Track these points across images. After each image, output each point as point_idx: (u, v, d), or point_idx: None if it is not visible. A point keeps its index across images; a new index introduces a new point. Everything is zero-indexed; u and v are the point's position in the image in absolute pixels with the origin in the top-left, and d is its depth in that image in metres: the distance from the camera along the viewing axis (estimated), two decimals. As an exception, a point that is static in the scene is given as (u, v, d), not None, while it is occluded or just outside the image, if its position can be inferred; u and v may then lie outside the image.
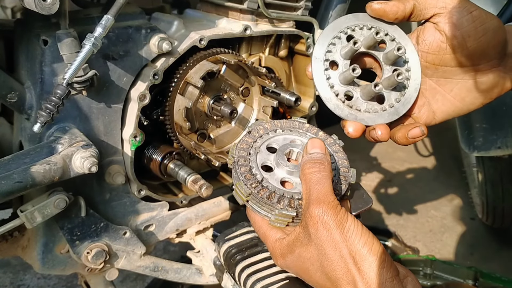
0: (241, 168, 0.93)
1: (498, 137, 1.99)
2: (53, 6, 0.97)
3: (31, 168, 1.02)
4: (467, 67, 0.98)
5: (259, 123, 1.03)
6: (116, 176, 1.30)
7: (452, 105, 1.03)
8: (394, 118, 1.01)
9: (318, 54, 1.00)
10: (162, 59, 1.26)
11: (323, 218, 0.81)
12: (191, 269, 1.53)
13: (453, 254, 2.95)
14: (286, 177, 0.95)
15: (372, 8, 1.00)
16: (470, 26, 0.93)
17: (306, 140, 1.00)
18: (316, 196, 0.83)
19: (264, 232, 0.92)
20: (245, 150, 0.97)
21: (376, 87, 0.95)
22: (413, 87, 1.02)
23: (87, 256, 1.26)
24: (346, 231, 0.80)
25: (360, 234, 0.80)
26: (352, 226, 0.81)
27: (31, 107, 1.16)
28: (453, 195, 3.47)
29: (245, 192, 0.91)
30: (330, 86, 0.99)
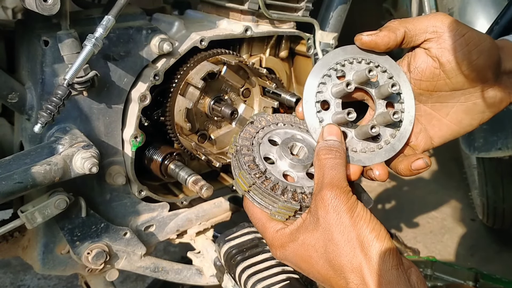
0: (244, 157, 0.92)
1: (499, 138, 1.99)
2: (54, 6, 0.97)
3: (32, 169, 1.02)
4: (462, 90, 0.97)
5: (261, 115, 1.02)
6: (117, 176, 1.30)
7: (449, 129, 1.01)
8: (391, 155, 0.99)
9: (308, 97, 0.97)
10: (163, 59, 1.26)
11: (335, 202, 0.81)
12: (191, 270, 1.53)
13: (454, 255, 2.95)
14: (289, 170, 0.94)
15: (362, 41, 0.96)
16: (464, 50, 0.91)
17: (307, 136, 0.99)
18: (329, 180, 0.83)
19: (264, 224, 0.91)
20: (248, 140, 0.96)
21: (372, 129, 0.93)
22: (408, 120, 0.99)
23: (88, 257, 1.26)
24: (356, 216, 0.81)
25: (368, 220, 0.81)
26: (361, 212, 0.82)
27: (31, 108, 1.16)
28: (453, 196, 3.47)
29: (248, 181, 0.89)
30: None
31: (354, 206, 0.82)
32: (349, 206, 0.81)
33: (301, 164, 0.94)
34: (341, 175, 0.85)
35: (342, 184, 0.83)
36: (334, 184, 0.83)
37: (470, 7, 1.97)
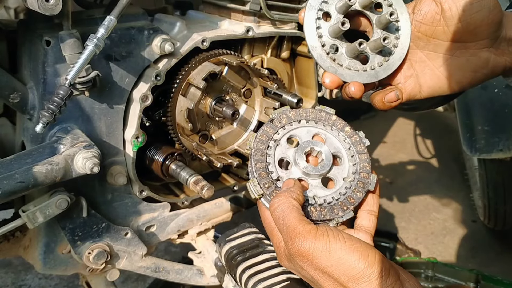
0: (256, 164, 0.90)
1: (500, 139, 1.99)
2: (56, 7, 0.97)
3: (33, 168, 1.03)
4: (458, 43, 0.98)
5: (283, 111, 0.98)
6: (118, 176, 1.30)
7: (439, 81, 1.02)
8: (372, 80, 1.01)
9: (313, 2, 0.99)
10: (165, 60, 1.26)
11: (302, 252, 0.78)
12: (192, 270, 1.53)
13: (455, 256, 2.94)
14: (302, 177, 0.92)
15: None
16: (466, 0, 0.92)
17: (330, 135, 0.97)
18: (286, 234, 0.81)
19: (272, 231, 0.90)
20: (263, 143, 0.93)
21: (360, 45, 0.95)
22: (398, 55, 1.01)
23: (89, 257, 1.26)
24: (333, 253, 0.77)
25: (351, 249, 0.77)
26: (338, 245, 0.77)
27: (33, 108, 1.17)
28: (455, 198, 3.46)
29: (257, 191, 0.89)
30: (318, 35, 0.99)
31: (325, 244, 0.77)
32: (320, 248, 0.77)
33: (316, 173, 0.92)
34: (292, 221, 0.81)
35: (297, 230, 0.79)
36: (291, 235, 0.80)
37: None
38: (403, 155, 3.99)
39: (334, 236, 0.78)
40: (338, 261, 0.76)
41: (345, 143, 0.97)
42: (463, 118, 2.08)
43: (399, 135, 4.29)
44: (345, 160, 0.96)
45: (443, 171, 3.80)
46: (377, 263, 0.76)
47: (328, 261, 0.77)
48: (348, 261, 0.76)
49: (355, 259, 0.76)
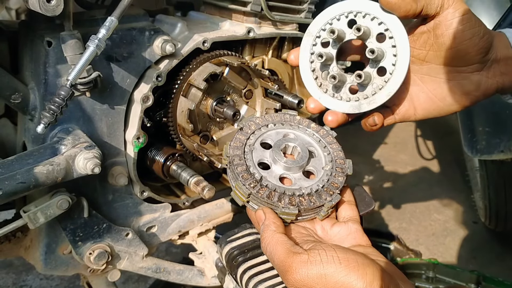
0: (237, 168, 0.92)
1: (501, 140, 1.99)
2: (57, 7, 0.97)
3: (35, 169, 1.03)
4: (450, 67, 0.99)
5: (250, 119, 1.03)
6: (119, 177, 1.30)
7: (433, 103, 1.03)
8: (354, 111, 1.02)
9: (312, 30, 1.01)
10: (166, 61, 1.26)
11: (299, 284, 0.78)
12: (193, 271, 1.53)
13: (456, 257, 2.94)
14: (285, 173, 0.95)
15: (387, 1, 0.96)
16: (458, 28, 0.93)
17: (299, 133, 1.01)
18: (281, 271, 0.81)
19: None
20: (239, 149, 0.96)
21: (334, 78, 0.96)
22: (386, 92, 0.99)
23: (90, 257, 1.27)
24: (330, 277, 0.76)
25: (347, 270, 0.76)
26: (333, 268, 0.76)
27: (34, 108, 1.17)
28: (456, 199, 3.46)
29: (244, 192, 0.90)
30: (310, 60, 1.01)
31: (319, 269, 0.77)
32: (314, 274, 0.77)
33: (296, 166, 0.94)
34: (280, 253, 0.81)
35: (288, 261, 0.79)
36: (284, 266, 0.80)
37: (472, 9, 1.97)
38: (404, 156, 3.99)
39: (328, 259, 0.77)
40: (336, 284, 0.76)
41: (314, 137, 1.03)
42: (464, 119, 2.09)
43: (400, 136, 4.29)
44: (319, 152, 1.01)
45: (444, 172, 3.80)
46: (376, 280, 0.75)
47: (326, 285, 0.76)
48: (346, 282, 0.75)
49: (353, 280, 0.75)
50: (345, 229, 0.93)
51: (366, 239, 0.91)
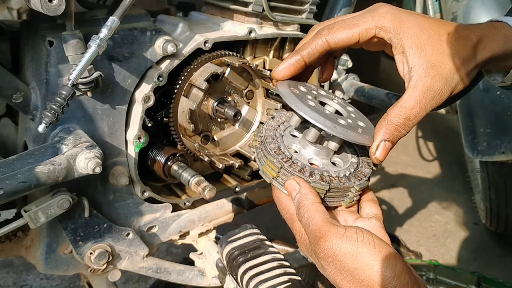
0: (270, 145, 0.92)
1: (502, 142, 1.99)
2: (59, 7, 0.97)
3: (36, 168, 1.03)
4: None
5: (281, 111, 1.04)
6: (120, 177, 1.30)
7: None
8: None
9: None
10: (167, 61, 1.26)
11: (328, 253, 0.77)
12: (193, 271, 1.53)
13: (456, 259, 2.94)
14: (313, 158, 0.94)
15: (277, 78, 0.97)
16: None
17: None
18: (313, 238, 0.80)
19: (292, 216, 0.89)
20: (271, 131, 0.96)
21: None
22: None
23: (90, 257, 1.27)
24: (361, 257, 0.75)
25: (380, 256, 0.75)
26: (366, 249, 0.75)
27: (36, 108, 1.17)
28: (456, 200, 3.46)
29: (276, 166, 0.89)
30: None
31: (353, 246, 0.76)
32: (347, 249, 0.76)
33: (325, 151, 0.94)
34: (317, 223, 0.80)
35: (324, 231, 0.78)
36: (317, 236, 0.79)
37: (474, 11, 1.97)
38: (405, 157, 3.99)
39: (364, 239, 0.77)
40: (365, 265, 0.75)
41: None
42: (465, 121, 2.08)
43: (401, 137, 4.28)
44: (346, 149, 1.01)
45: (445, 173, 3.80)
46: (404, 275, 0.74)
47: (355, 264, 0.75)
48: (375, 266, 0.74)
49: (383, 267, 0.74)
50: (368, 225, 0.90)
51: (387, 238, 0.88)
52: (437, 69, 0.87)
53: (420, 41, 0.88)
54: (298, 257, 1.52)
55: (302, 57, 0.94)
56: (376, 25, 0.89)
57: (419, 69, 0.88)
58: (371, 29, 0.89)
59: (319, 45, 0.93)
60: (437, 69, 0.87)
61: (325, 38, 0.92)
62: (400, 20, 0.89)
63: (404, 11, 0.91)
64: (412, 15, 0.90)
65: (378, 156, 0.90)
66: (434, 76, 0.87)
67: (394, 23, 0.88)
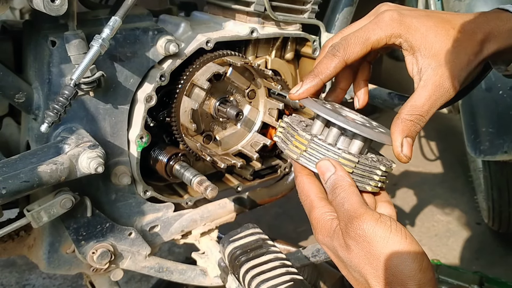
0: (296, 126, 0.92)
1: (505, 141, 1.98)
2: (61, 7, 0.97)
3: (38, 168, 1.03)
4: None
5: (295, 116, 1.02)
6: (122, 176, 1.30)
7: None
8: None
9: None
10: (169, 60, 1.26)
11: (360, 233, 0.77)
12: (195, 270, 1.53)
13: (459, 258, 2.94)
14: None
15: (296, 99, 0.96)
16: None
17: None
18: (346, 217, 0.80)
19: (312, 202, 0.88)
20: (295, 120, 0.96)
21: None
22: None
23: (93, 256, 1.27)
24: (391, 243, 0.76)
25: (410, 247, 0.75)
26: (398, 237, 0.76)
27: (38, 108, 1.17)
28: (459, 200, 3.45)
29: (306, 139, 0.89)
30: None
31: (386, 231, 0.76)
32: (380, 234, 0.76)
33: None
34: (353, 203, 0.81)
35: (359, 211, 0.79)
36: (352, 216, 0.79)
37: (476, 10, 1.97)
38: (407, 157, 3.98)
39: (397, 228, 0.77)
40: (394, 253, 0.75)
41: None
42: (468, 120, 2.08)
43: (403, 136, 4.28)
44: None
45: (447, 173, 3.79)
46: (429, 271, 0.75)
47: (384, 249, 0.76)
48: (403, 256, 0.75)
49: (411, 258, 0.75)
50: None
51: None
52: (445, 68, 0.89)
53: (427, 41, 0.90)
54: (300, 257, 1.52)
55: (322, 80, 0.95)
56: (386, 35, 0.91)
57: (428, 69, 0.90)
58: (382, 40, 0.91)
59: (337, 66, 0.94)
60: (445, 67, 0.89)
61: (343, 58, 0.93)
62: (406, 25, 0.90)
63: (407, 13, 0.92)
64: (416, 16, 0.92)
65: (405, 153, 0.90)
66: (443, 74, 0.89)
67: (401, 29, 0.90)
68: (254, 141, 1.48)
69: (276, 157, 1.66)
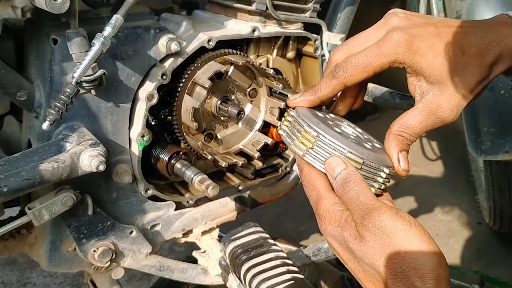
0: (302, 120, 0.91)
1: (506, 141, 1.98)
2: (63, 5, 0.97)
3: (40, 166, 1.03)
4: None
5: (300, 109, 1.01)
6: (124, 175, 1.30)
7: None
8: None
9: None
10: (171, 59, 1.26)
11: (380, 225, 0.77)
12: (196, 269, 1.53)
13: (460, 258, 2.93)
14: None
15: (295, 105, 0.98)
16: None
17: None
18: (362, 209, 0.79)
19: (319, 193, 0.88)
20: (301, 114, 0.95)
21: None
22: None
23: (94, 255, 1.27)
24: (412, 237, 0.75)
25: (429, 242, 0.75)
26: (418, 232, 0.75)
27: (40, 106, 1.17)
28: (460, 200, 3.45)
29: (312, 135, 0.88)
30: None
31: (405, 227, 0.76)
32: (399, 228, 0.76)
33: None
34: (368, 197, 0.81)
35: (376, 204, 0.79)
36: (369, 209, 0.78)
37: (478, 10, 1.97)
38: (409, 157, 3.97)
39: (415, 223, 0.77)
40: (415, 245, 0.75)
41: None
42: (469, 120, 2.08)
43: (404, 136, 4.27)
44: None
45: (449, 173, 3.79)
46: (446, 267, 0.75)
47: (406, 241, 0.75)
48: (424, 249, 0.75)
49: (432, 252, 0.75)
50: None
51: None
52: (446, 97, 0.89)
53: (433, 68, 0.88)
54: (301, 256, 1.52)
55: (319, 98, 0.96)
56: (390, 61, 0.89)
57: (429, 94, 0.90)
58: (385, 65, 0.90)
59: (336, 89, 0.95)
60: (447, 97, 0.89)
61: (342, 81, 0.93)
62: (413, 50, 0.88)
63: (416, 32, 0.89)
64: (426, 36, 0.89)
65: (403, 167, 0.91)
66: (441, 104, 0.89)
67: (406, 55, 0.88)
68: (256, 140, 1.48)
69: (277, 156, 1.66)
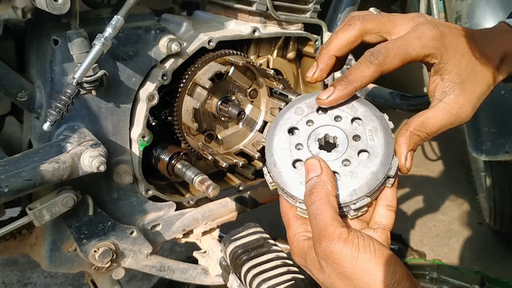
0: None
1: (507, 141, 1.98)
2: (64, 6, 0.98)
3: (40, 166, 1.03)
4: None
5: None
6: (124, 175, 1.30)
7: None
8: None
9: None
10: (171, 60, 1.27)
11: (328, 254, 0.76)
12: (197, 269, 1.53)
13: (460, 258, 2.93)
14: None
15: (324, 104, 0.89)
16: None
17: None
18: (316, 232, 0.78)
19: (288, 221, 0.87)
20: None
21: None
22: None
23: (94, 255, 1.27)
24: (361, 262, 0.74)
25: (380, 262, 0.74)
26: (367, 255, 0.74)
27: (41, 106, 1.17)
28: (460, 200, 3.45)
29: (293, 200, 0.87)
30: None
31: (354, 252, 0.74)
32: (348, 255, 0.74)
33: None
34: (324, 220, 0.77)
35: (327, 231, 0.76)
36: (321, 235, 0.77)
37: (478, 10, 1.97)
38: (409, 156, 3.97)
39: (365, 245, 0.76)
40: (364, 271, 0.74)
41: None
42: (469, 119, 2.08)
43: (404, 136, 4.27)
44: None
45: (449, 173, 3.79)
46: (404, 281, 0.74)
47: (354, 269, 0.74)
48: (375, 273, 0.74)
49: (383, 273, 0.73)
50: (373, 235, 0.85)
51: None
52: (466, 97, 0.90)
53: (459, 68, 0.89)
54: (302, 256, 1.52)
55: (356, 88, 0.89)
56: (426, 53, 0.88)
57: (452, 94, 0.90)
58: (419, 57, 0.89)
59: (374, 76, 0.88)
60: (467, 97, 0.90)
61: (380, 68, 0.88)
62: (446, 46, 0.88)
63: (446, 31, 0.89)
64: (455, 37, 0.90)
65: (408, 166, 0.89)
66: (462, 105, 0.90)
67: (441, 50, 0.88)
68: (256, 140, 1.48)
69: (277, 157, 1.66)
